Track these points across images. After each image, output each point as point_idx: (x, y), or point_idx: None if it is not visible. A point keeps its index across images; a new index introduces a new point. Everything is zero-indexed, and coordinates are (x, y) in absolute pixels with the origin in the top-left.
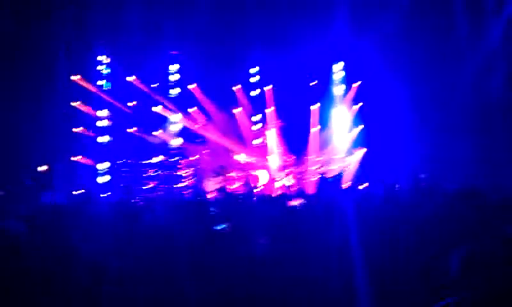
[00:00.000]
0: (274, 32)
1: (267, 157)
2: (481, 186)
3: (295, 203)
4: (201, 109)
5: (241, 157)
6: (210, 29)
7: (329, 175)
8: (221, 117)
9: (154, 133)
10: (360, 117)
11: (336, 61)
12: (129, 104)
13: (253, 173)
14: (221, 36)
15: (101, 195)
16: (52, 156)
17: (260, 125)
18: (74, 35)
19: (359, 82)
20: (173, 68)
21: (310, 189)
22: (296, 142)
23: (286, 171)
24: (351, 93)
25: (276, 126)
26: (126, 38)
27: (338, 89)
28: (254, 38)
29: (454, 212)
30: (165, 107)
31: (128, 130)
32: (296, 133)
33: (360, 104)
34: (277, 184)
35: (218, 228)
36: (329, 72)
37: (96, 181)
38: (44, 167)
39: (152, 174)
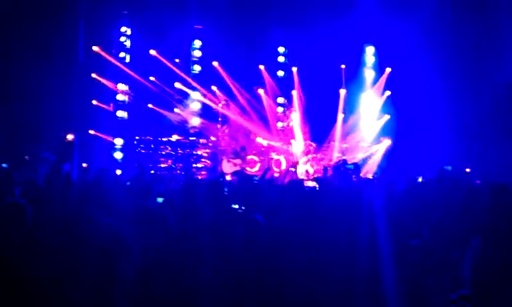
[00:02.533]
0: (303, 11)
1: (290, 141)
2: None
3: (310, 184)
4: (224, 87)
5: (263, 140)
6: (235, 4)
7: (350, 163)
8: (243, 97)
9: (174, 110)
10: (389, 105)
11: (368, 44)
12: (150, 78)
13: (275, 156)
14: (247, 12)
15: (117, 171)
16: (70, 128)
17: (284, 108)
18: (96, 5)
19: (390, 69)
20: (197, 43)
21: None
22: (320, 127)
23: (309, 156)
24: (382, 79)
25: (301, 110)
26: (149, 10)
27: (368, 74)
28: (282, 16)
29: (476, 206)
30: (186, 83)
31: (148, 106)
32: (321, 117)
33: (389, 92)
34: (299, 170)
35: (233, 206)
36: (359, 55)
37: (112, 157)
38: (70, 136)
39: (170, 152)
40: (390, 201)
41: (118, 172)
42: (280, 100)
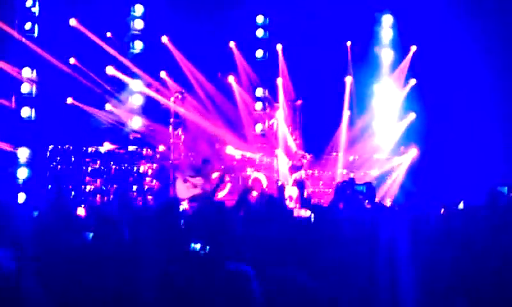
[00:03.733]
0: None
1: (274, 152)
2: None
3: (305, 214)
4: (178, 74)
5: (235, 150)
6: None
7: (361, 182)
8: (206, 88)
9: (106, 107)
10: (415, 99)
11: (384, 11)
12: (70, 61)
13: (253, 174)
14: None
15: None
16: None
17: (265, 104)
18: None
19: (415, 47)
20: (137, 10)
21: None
22: (318, 131)
23: (301, 173)
24: (404, 63)
25: (290, 107)
26: None
27: (384, 55)
28: None
29: None
30: (123, 68)
31: (66, 101)
32: (318, 117)
33: (415, 81)
34: (287, 192)
35: (194, 247)
36: (371, 28)
37: (13, 175)
38: None
39: (99, 168)
40: (418, 242)
41: (21, 197)
42: (259, 92)
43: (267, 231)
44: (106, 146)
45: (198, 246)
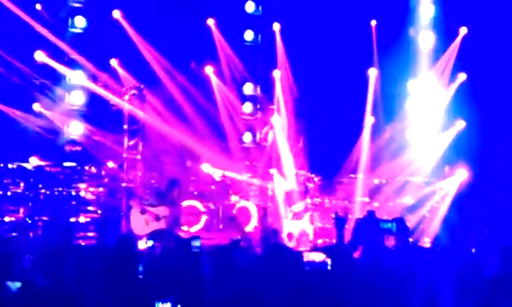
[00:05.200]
0: None
1: (269, 172)
2: None
3: (316, 258)
4: (134, 63)
5: (214, 169)
6: None
7: (390, 217)
8: (174, 81)
9: (33, 107)
10: (465, 101)
11: None
12: None
13: (238, 203)
14: None
15: None
16: None
17: (255, 105)
18: None
19: (465, 30)
20: None
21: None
22: (328, 144)
23: (307, 202)
24: (450, 52)
25: (290, 109)
26: None
27: (422, 40)
28: None
29: None
30: (58, 53)
31: None
32: (329, 126)
33: (465, 76)
34: (290, 227)
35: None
36: (405, 3)
37: None
38: None
39: (22, 192)
40: (467, 295)
41: None
42: (248, 88)
43: (268, 283)
44: (33, 162)
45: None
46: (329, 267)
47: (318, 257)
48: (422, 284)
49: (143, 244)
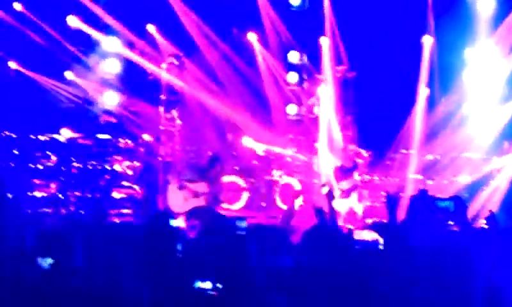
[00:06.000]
0: None
1: (315, 147)
2: None
3: (368, 237)
4: (172, 29)
5: (256, 144)
6: None
7: (445, 195)
8: (215, 49)
9: (65, 75)
10: None
11: None
12: (15, 6)
13: (283, 178)
14: None
15: None
16: None
17: (302, 75)
18: None
19: None
20: None
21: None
22: (379, 118)
23: (356, 179)
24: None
25: (339, 81)
26: None
27: (481, 5)
28: None
29: None
30: (91, 18)
31: (8, 65)
32: (380, 98)
33: None
34: (338, 206)
35: (199, 286)
36: None
37: None
38: None
39: (54, 165)
40: None
41: None
42: (294, 57)
43: (317, 262)
44: (65, 134)
45: (206, 285)
46: (381, 247)
47: (370, 236)
48: (482, 268)
49: (181, 222)
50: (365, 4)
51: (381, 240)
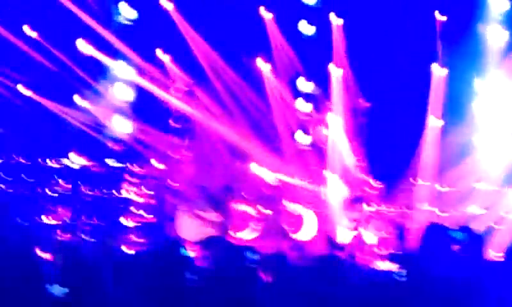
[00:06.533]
0: None
1: (325, 176)
2: None
3: (383, 267)
4: (184, 56)
5: (268, 173)
6: None
7: (456, 226)
8: (227, 78)
9: (75, 100)
10: None
11: None
12: (25, 30)
13: (292, 208)
14: None
15: None
16: None
17: (313, 103)
18: None
19: None
20: None
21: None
22: (390, 147)
23: (366, 209)
24: None
25: (349, 109)
26: None
27: (492, 36)
28: None
29: None
30: (103, 44)
31: (17, 88)
32: (391, 127)
33: None
34: (346, 235)
35: None
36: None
37: None
38: None
39: (63, 192)
40: None
41: None
42: (303, 84)
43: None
44: (74, 160)
45: None
46: (397, 277)
47: (386, 265)
48: (495, 301)
49: (190, 252)
50: (376, 31)
51: (401, 272)
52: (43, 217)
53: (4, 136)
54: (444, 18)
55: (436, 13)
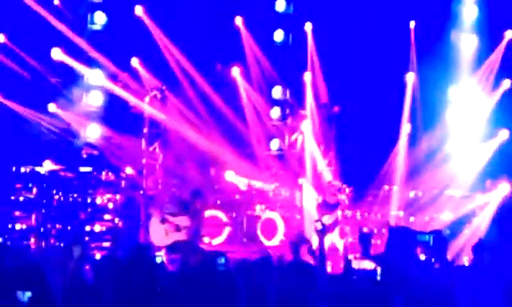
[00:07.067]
0: None
1: (298, 182)
2: None
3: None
4: (156, 62)
5: (239, 178)
6: None
7: (429, 231)
8: (199, 84)
9: (48, 107)
10: (510, 110)
11: None
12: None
13: (263, 213)
14: None
15: None
16: None
17: (284, 110)
18: None
19: (511, 33)
20: None
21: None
22: (362, 153)
23: (337, 215)
24: (494, 57)
25: (322, 116)
26: None
27: (464, 44)
28: None
29: None
30: (75, 51)
31: None
32: (363, 133)
33: (510, 83)
34: (315, 241)
35: None
36: (447, 3)
37: None
38: None
39: (35, 198)
40: None
41: None
42: (277, 92)
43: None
44: (47, 166)
45: None
46: (377, 276)
47: (367, 264)
48: (463, 304)
49: (160, 258)
50: (349, 39)
51: (378, 270)
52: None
53: None
54: (412, 24)
55: (411, 22)
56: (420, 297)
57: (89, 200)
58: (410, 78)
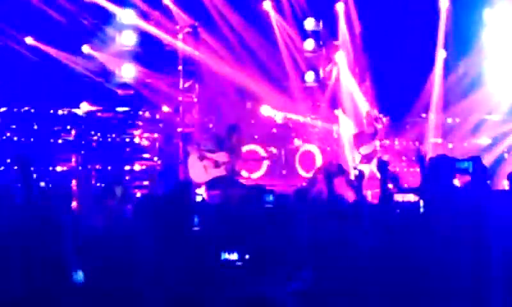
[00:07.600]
0: None
1: (334, 113)
2: None
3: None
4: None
5: (274, 111)
6: None
7: (464, 157)
8: (232, 20)
9: (82, 49)
10: None
11: None
12: None
13: (303, 146)
14: None
15: None
16: None
17: (318, 42)
18: None
19: None
20: None
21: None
22: (397, 82)
23: (376, 144)
24: None
25: (356, 47)
26: None
27: None
28: None
29: None
30: None
31: (25, 41)
32: (398, 62)
33: None
34: (356, 171)
35: (225, 257)
36: None
37: None
38: None
39: (74, 139)
40: None
41: None
42: (310, 24)
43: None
44: (84, 108)
45: (233, 256)
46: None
47: (410, 197)
48: (503, 230)
49: (200, 193)
50: None
51: (421, 201)
52: (56, 166)
53: (13, 85)
54: None
55: None
56: (463, 224)
57: (127, 140)
58: (443, 2)
